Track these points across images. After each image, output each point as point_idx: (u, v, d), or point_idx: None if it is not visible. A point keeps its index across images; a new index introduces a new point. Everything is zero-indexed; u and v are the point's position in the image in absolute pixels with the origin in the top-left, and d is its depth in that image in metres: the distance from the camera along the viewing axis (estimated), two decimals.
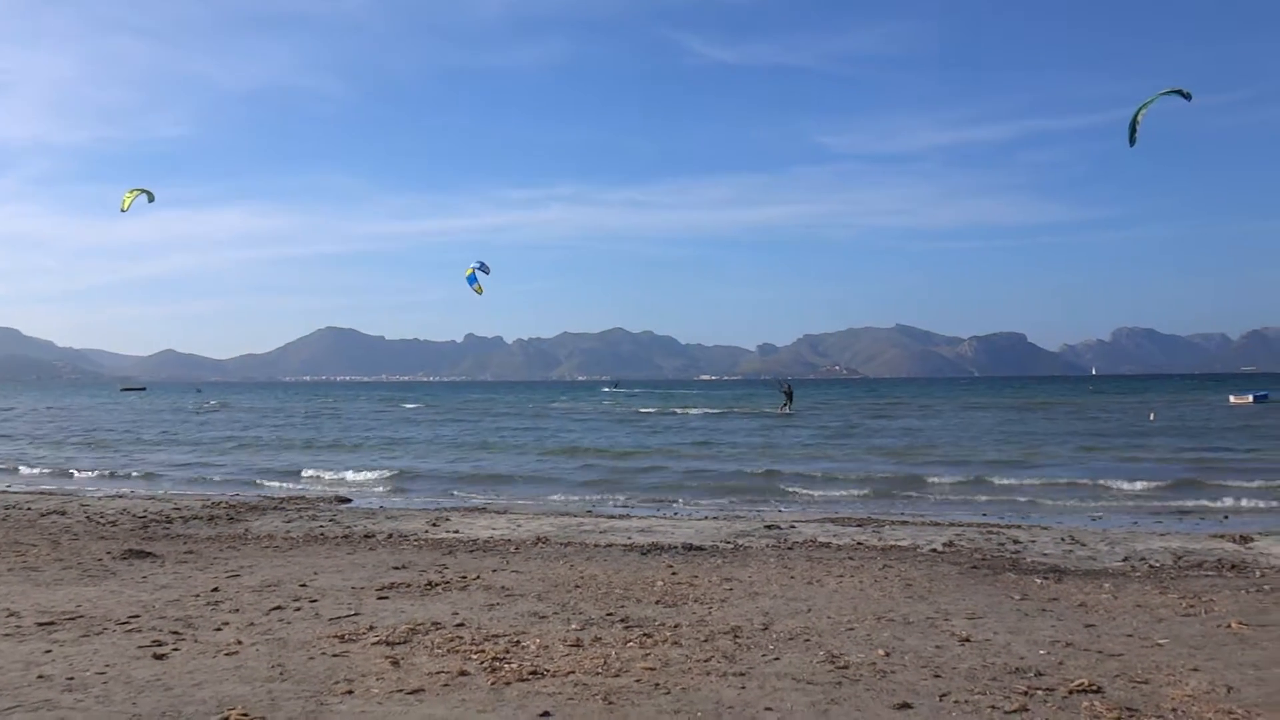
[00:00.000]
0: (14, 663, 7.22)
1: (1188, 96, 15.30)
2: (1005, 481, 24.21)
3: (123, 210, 22.43)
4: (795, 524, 16.52)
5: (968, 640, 7.98)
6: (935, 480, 24.58)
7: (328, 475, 27.93)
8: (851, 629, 8.43)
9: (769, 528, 15.95)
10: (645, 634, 8.16)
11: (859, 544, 14.14)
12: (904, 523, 16.96)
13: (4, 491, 22.98)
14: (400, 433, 49.74)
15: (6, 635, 8.11)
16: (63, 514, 17.79)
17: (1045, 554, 13.18)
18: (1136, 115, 15.59)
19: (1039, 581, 10.85)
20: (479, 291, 28.04)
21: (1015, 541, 14.26)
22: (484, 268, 27.98)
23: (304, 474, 28.48)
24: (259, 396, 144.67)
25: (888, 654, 7.51)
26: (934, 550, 13.46)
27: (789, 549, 13.66)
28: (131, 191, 22.44)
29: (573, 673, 6.98)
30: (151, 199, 22.74)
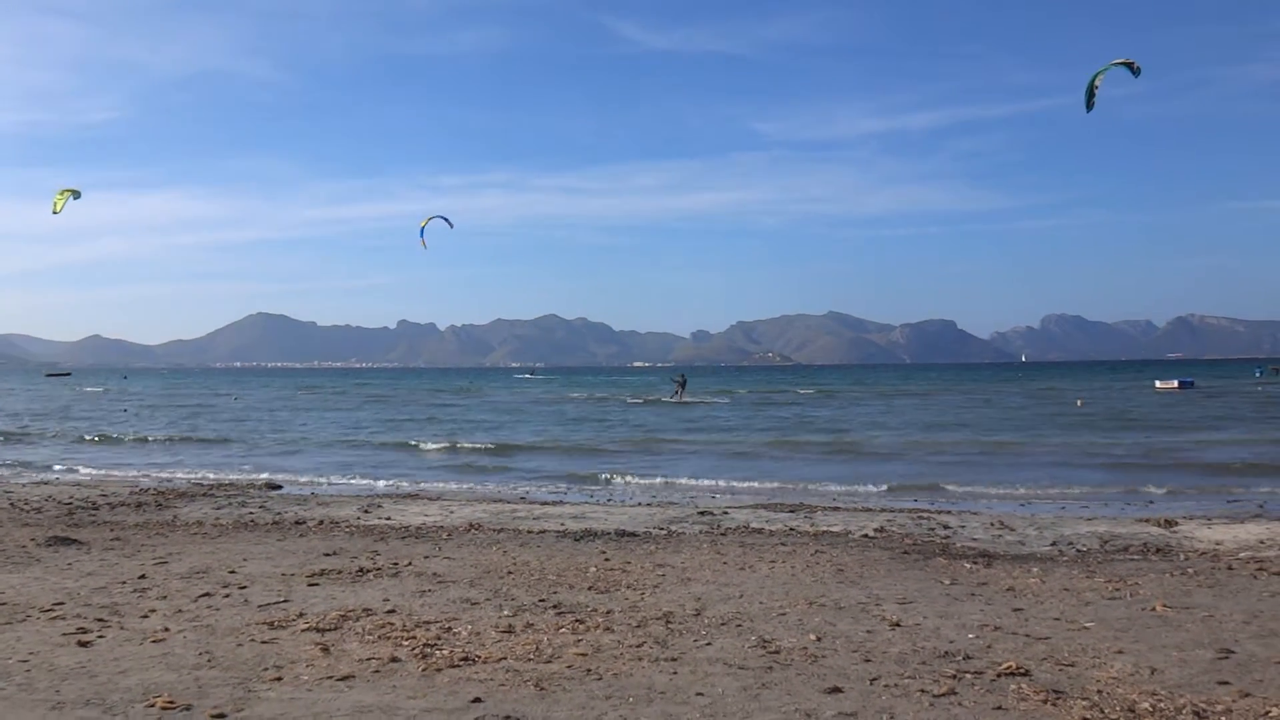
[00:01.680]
0: None
1: (1136, 71, 15.53)
2: (935, 468, 24.58)
3: (55, 213, 22.20)
4: (728, 510, 16.64)
5: (898, 625, 8.12)
6: (864, 467, 24.88)
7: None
8: (783, 614, 8.53)
9: (702, 514, 16.05)
10: (578, 620, 8.19)
11: (791, 530, 14.29)
12: (836, 509, 17.15)
13: None
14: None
15: None
16: None
17: (975, 539, 13.42)
18: (1093, 81, 15.81)
19: (968, 566, 11.06)
20: (424, 245, 28.20)
21: (945, 527, 14.51)
22: (447, 221, 28.23)
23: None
24: (161, 383, 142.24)
25: (819, 639, 7.62)
26: (865, 536, 13.64)
27: (722, 535, 13.76)
28: (61, 194, 22.19)
29: (504, 659, 6.98)
30: (78, 196, 22.49)
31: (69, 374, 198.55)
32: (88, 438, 36.85)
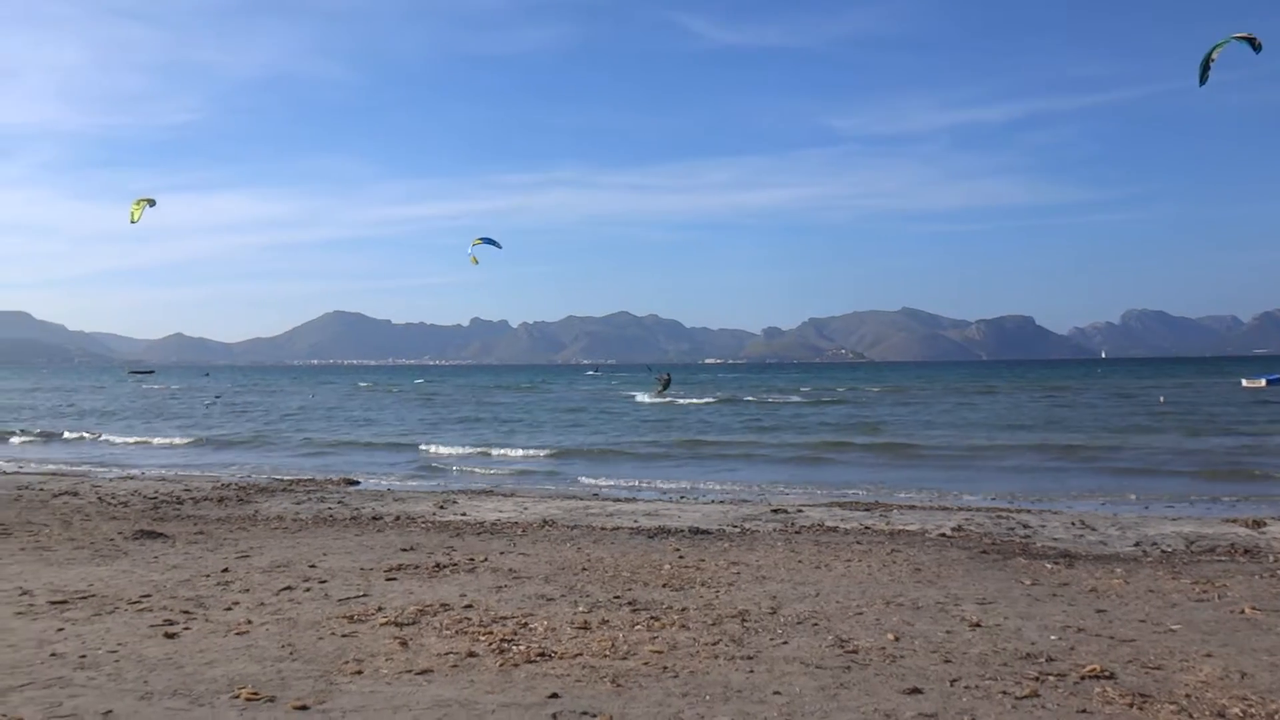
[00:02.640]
0: (27, 640, 7.27)
1: (1258, 47, 14.59)
2: (1013, 465, 24.19)
3: (133, 222, 22.70)
4: (802, 508, 16.52)
5: (978, 625, 7.99)
6: (941, 465, 24.56)
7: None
8: (860, 613, 8.44)
9: (775, 512, 15.96)
10: (653, 617, 8.18)
11: (866, 528, 14.15)
12: (911, 507, 16.96)
13: (16, 473, 23.08)
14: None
15: (20, 614, 8.15)
16: (74, 495, 17.88)
17: (1055, 539, 13.17)
18: (1209, 55, 14.97)
19: (1049, 566, 10.85)
20: (474, 261, 28.96)
21: (1025, 526, 14.26)
22: (493, 242, 28.96)
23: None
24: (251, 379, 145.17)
25: (897, 638, 7.52)
26: (942, 535, 13.46)
27: (796, 533, 13.67)
28: (138, 203, 22.80)
29: (580, 655, 7.00)
30: (153, 204, 23.09)
31: (152, 371, 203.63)
32: (178, 440, 37.66)
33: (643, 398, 67.40)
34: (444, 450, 29.76)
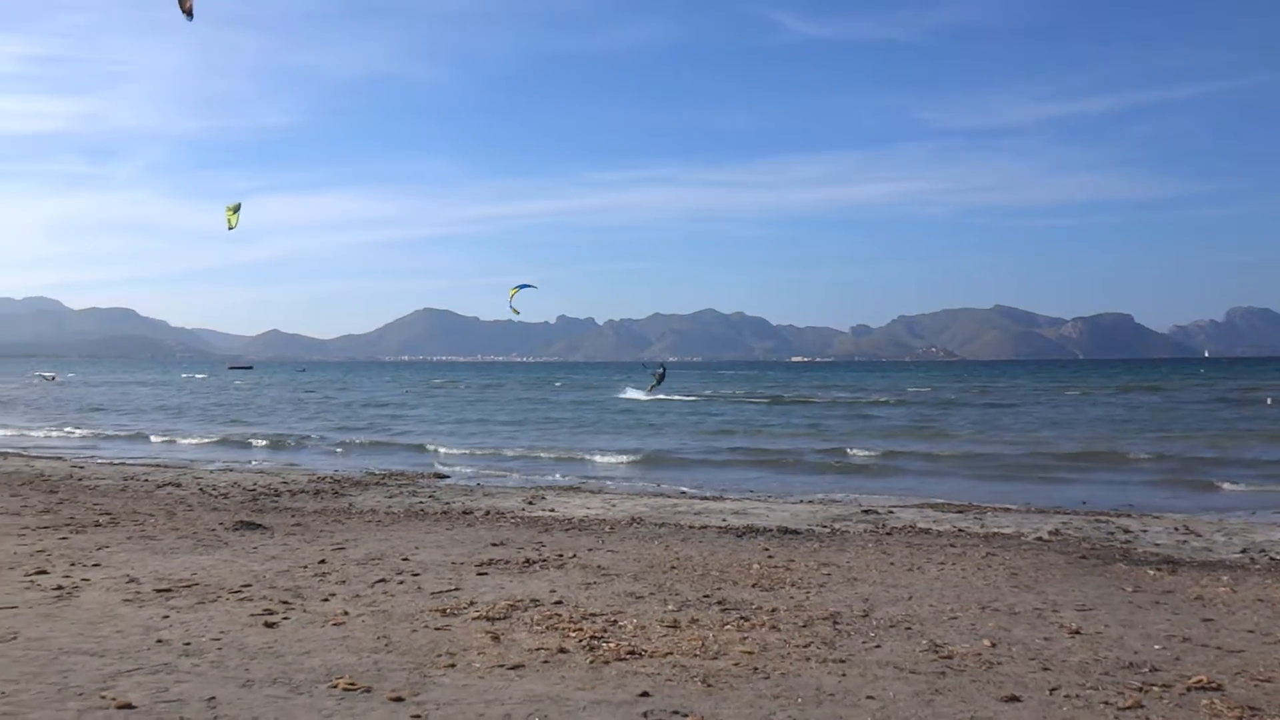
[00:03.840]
0: (134, 627, 7.49)
1: None
2: (1113, 467, 23.61)
3: (230, 229, 23.43)
4: (893, 509, 16.32)
5: (1078, 633, 7.80)
6: (1038, 466, 24.05)
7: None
8: (955, 618, 8.30)
9: (866, 512, 15.79)
10: (743, 617, 8.14)
11: (960, 531, 13.92)
12: (1005, 509, 16.63)
13: (123, 463, 23.83)
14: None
15: (127, 600, 8.41)
16: (178, 485, 18.41)
17: (1158, 544, 12.82)
18: None
19: (1152, 573, 10.56)
20: (516, 313, 30.38)
21: (1125, 531, 13.91)
22: (529, 286, 30.31)
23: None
24: (354, 375, 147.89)
25: (994, 645, 7.38)
26: (1039, 538, 13.19)
27: (887, 534, 13.51)
28: (231, 211, 23.54)
29: (671, 654, 6.99)
30: (238, 209, 23.87)
31: (250, 367, 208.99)
32: (259, 442, 38.56)
33: (635, 394, 67.17)
34: (449, 451, 29.41)
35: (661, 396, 63.87)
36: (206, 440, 31.84)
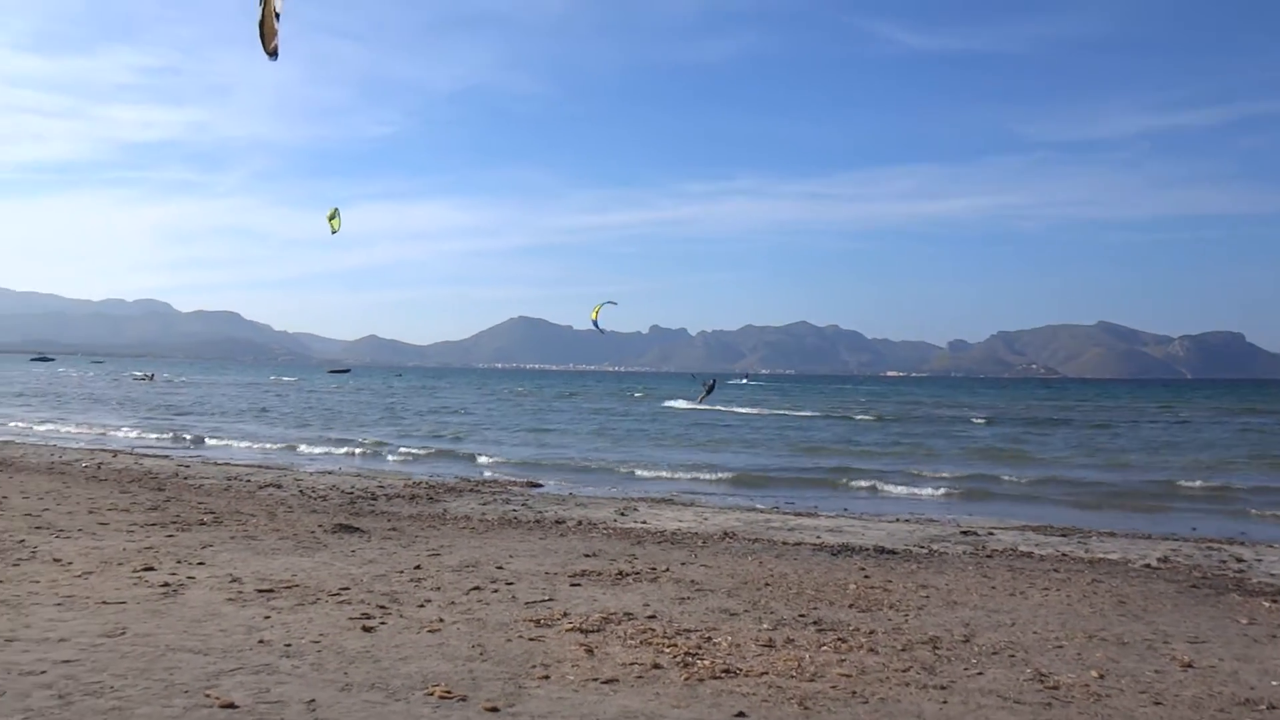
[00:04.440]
0: (237, 626, 7.63)
1: None
2: (1223, 494, 22.78)
3: (334, 233, 24.49)
4: (993, 530, 15.94)
5: (1190, 666, 7.50)
6: (1144, 491, 23.31)
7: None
8: (1060, 646, 8.04)
9: (965, 533, 15.46)
10: (840, 638, 7.99)
11: (1063, 555, 13.54)
12: (1111, 534, 16.14)
13: (227, 463, 24.43)
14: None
15: (230, 600, 8.58)
16: (278, 487, 18.80)
17: (1273, 574, 12.31)
18: None
19: (1268, 605, 10.13)
20: (601, 332, 31.26)
21: (1238, 560, 13.38)
22: (611, 303, 31.02)
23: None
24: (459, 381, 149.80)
25: (1101, 676, 7.12)
26: (1147, 565, 12.76)
27: (987, 557, 13.20)
28: (332, 219, 24.51)
29: (766, 674, 6.88)
30: (336, 213, 24.94)
31: (348, 370, 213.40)
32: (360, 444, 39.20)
33: (681, 404, 67.87)
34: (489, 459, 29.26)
35: (712, 407, 64.28)
36: (272, 446, 31.99)
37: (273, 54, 11.37)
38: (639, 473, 25.51)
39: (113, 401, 59.65)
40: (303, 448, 30.99)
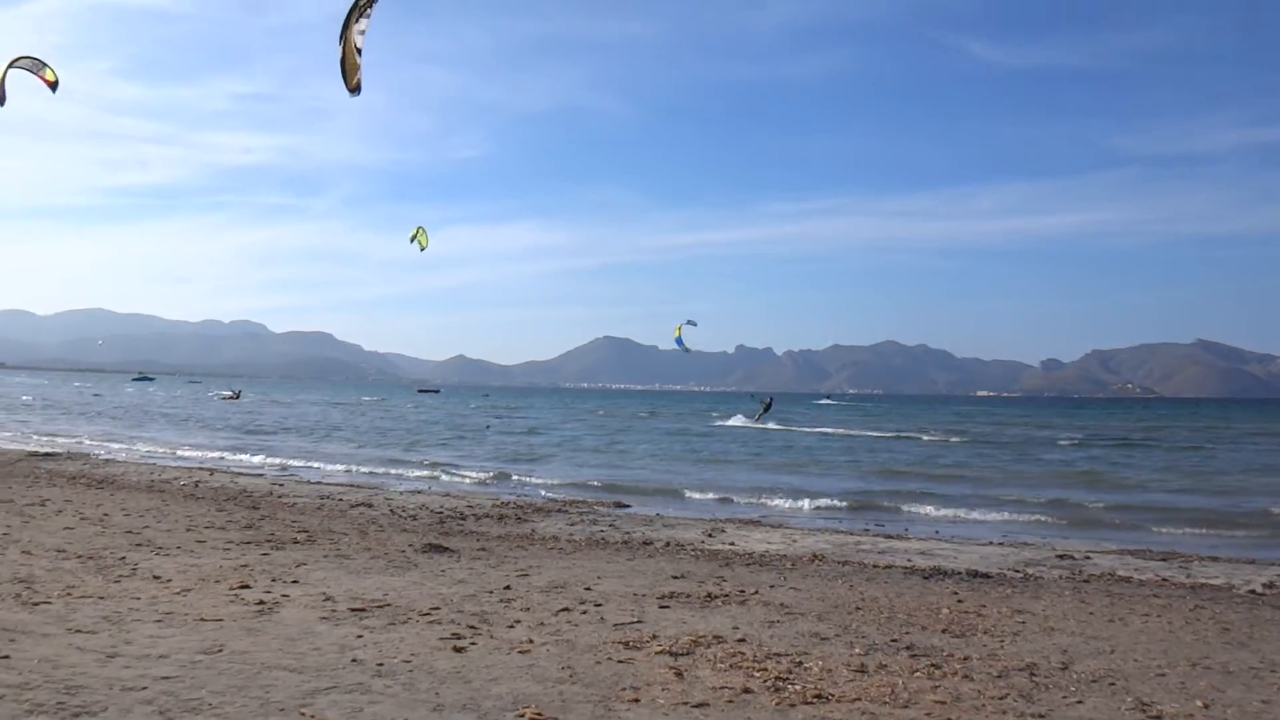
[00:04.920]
0: (330, 645, 7.74)
1: None
2: None
3: (422, 250, 25.63)
4: (1089, 555, 15.56)
5: None
6: (1247, 515, 22.53)
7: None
8: (1162, 675, 7.79)
9: (1061, 557, 15.11)
10: (933, 664, 7.84)
11: (1164, 580, 13.15)
12: (1214, 559, 15.63)
13: (319, 483, 24.90)
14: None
15: (324, 618, 8.72)
16: (369, 506, 19.11)
17: None
18: None
19: None
20: (687, 350, 31.38)
21: None
22: (691, 323, 31.31)
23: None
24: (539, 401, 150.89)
25: (1206, 706, 6.89)
26: (1252, 591, 12.33)
27: (1085, 581, 12.87)
28: (420, 236, 25.47)
29: (859, 700, 6.77)
30: (418, 232, 26.08)
31: (438, 390, 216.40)
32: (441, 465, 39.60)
33: (738, 421, 68.38)
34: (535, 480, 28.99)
35: (770, 425, 64.50)
36: (357, 468, 32.22)
37: (354, 89, 11.59)
38: (722, 494, 25.35)
39: (192, 421, 60.34)
40: (384, 468, 31.32)
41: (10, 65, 17.88)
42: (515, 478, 29.13)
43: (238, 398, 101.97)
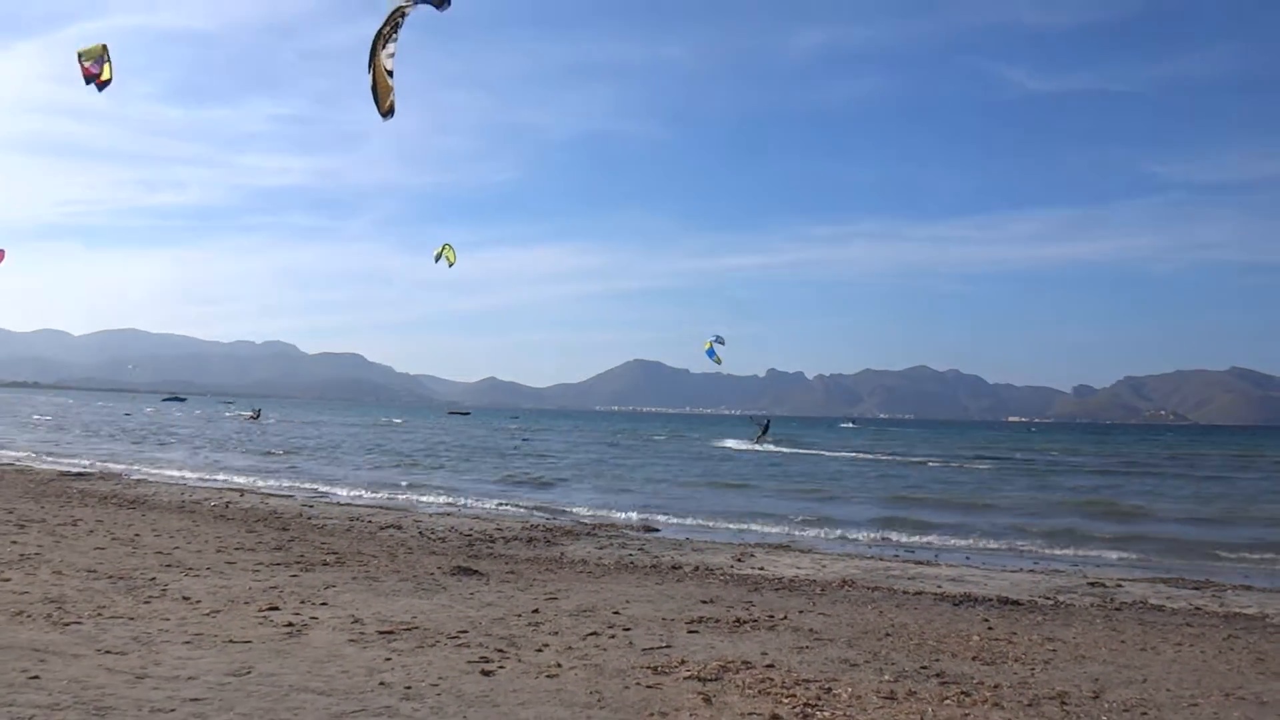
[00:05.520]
0: (359, 667, 7.77)
1: None
2: None
3: (450, 265, 26.26)
4: (1121, 582, 15.40)
5: None
6: (1274, 542, 22.20)
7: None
8: (1195, 705, 7.71)
9: (1092, 585, 14.97)
10: (963, 692, 7.78)
11: (1196, 609, 13.01)
12: (1247, 588, 15.44)
13: (348, 504, 25.02)
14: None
15: (352, 640, 8.75)
16: (399, 528, 19.17)
17: None
18: None
19: None
20: (718, 362, 31.90)
21: None
22: (720, 340, 31.86)
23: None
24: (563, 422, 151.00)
25: None
26: None
27: (1116, 610, 12.74)
28: (449, 252, 26.10)
29: None
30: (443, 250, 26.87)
31: (468, 413, 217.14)
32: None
33: (735, 444, 69.37)
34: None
35: (768, 448, 65.38)
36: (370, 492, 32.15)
37: (387, 113, 11.66)
38: (750, 518, 25.23)
39: (199, 440, 59.13)
40: (405, 493, 31.22)
41: (85, 54, 17.85)
42: (535, 500, 29.09)
43: (257, 418, 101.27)
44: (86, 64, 17.56)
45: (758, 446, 67.46)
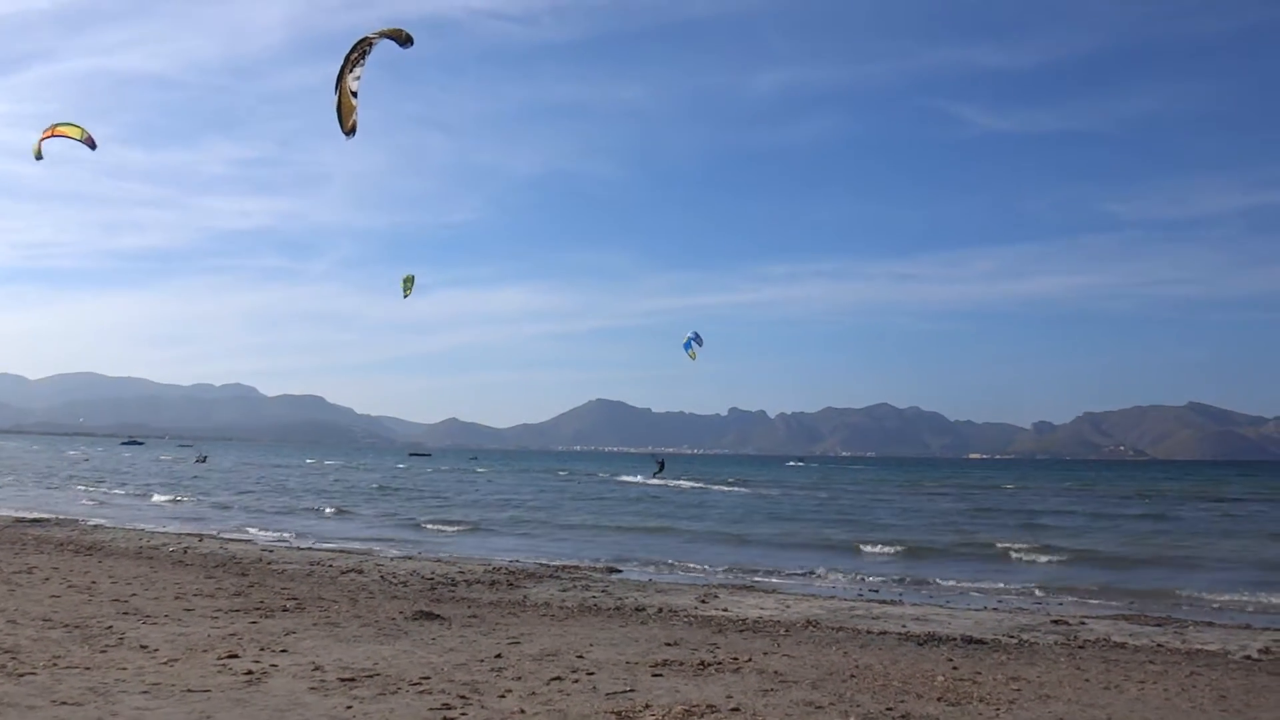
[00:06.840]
0: (320, 716, 7.65)
1: None
2: None
3: (405, 297, 26.51)
4: (1085, 620, 15.48)
5: None
6: (1236, 579, 22.42)
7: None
8: None
9: (1055, 623, 15.03)
10: None
11: (1159, 646, 13.08)
12: (1210, 624, 15.57)
13: (309, 549, 24.71)
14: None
15: (313, 688, 8.62)
16: (360, 572, 18.96)
17: None
18: None
19: None
20: (693, 357, 32.00)
21: None
22: (698, 338, 32.02)
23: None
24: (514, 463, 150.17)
25: None
26: (1248, 657, 12.26)
27: (1080, 647, 12.79)
28: (409, 284, 26.27)
29: None
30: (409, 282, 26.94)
31: (429, 454, 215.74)
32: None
33: (633, 478, 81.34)
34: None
35: (662, 482, 74.72)
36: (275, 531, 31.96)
37: (350, 131, 11.82)
38: (715, 560, 25.17)
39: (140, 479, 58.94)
40: (345, 539, 30.99)
41: (51, 132, 18.23)
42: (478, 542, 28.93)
43: (204, 462, 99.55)
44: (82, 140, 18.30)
45: (653, 480, 76.28)
